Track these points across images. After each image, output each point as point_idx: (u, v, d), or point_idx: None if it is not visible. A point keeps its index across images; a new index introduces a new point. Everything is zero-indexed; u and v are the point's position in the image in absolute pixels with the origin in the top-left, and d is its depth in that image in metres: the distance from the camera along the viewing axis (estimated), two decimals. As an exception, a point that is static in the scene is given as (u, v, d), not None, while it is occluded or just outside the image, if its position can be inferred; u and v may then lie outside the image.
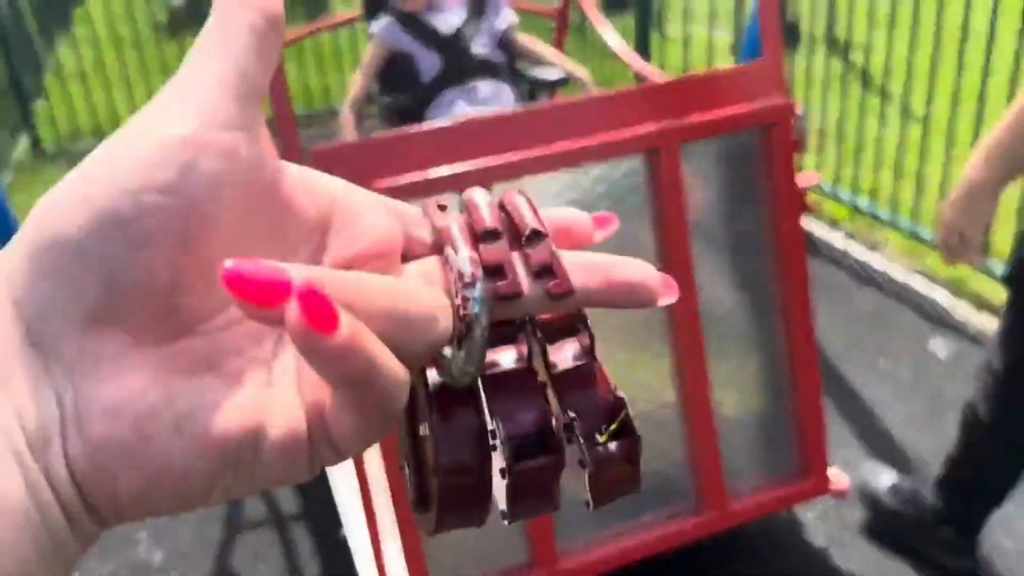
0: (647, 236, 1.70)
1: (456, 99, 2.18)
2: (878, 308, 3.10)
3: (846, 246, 3.53)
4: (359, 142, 1.56)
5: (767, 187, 1.74)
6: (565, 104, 1.69)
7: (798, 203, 1.73)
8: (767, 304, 1.82)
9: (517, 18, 2.39)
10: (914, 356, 2.82)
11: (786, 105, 1.68)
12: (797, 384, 1.85)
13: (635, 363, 1.78)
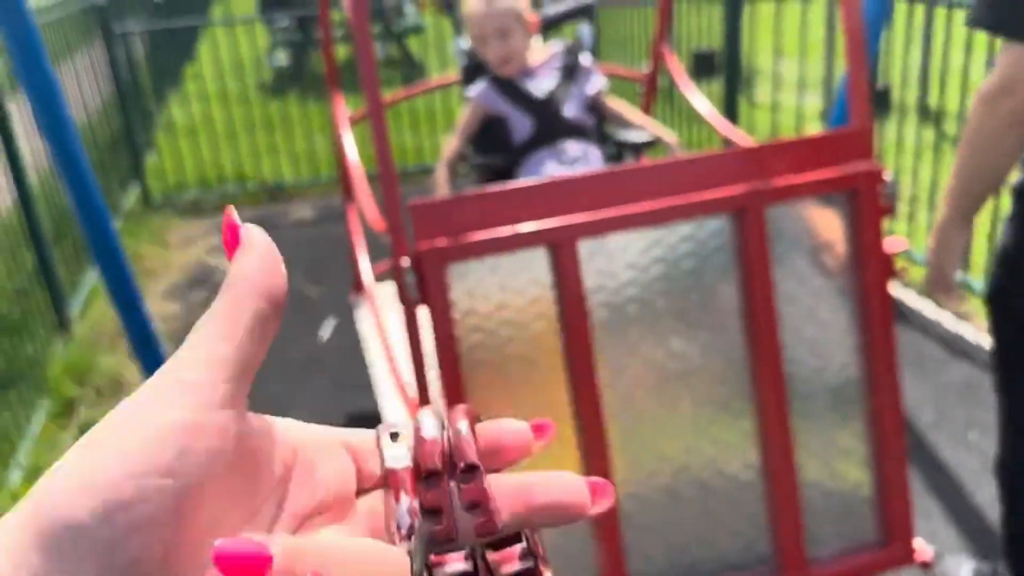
0: (732, 295, 1.72)
1: (546, 159, 2.26)
2: (969, 380, 3.02)
3: (937, 315, 3.46)
4: (455, 197, 1.64)
5: (854, 251, 1.76)
6: (653, 165, 1.75)
7: (886, 269, 1.74)
8: (854, 369, 1.81)
9: (606, 83, 2.47)
10: (1006, 431, 2.73)
11: (874, 171, 1.70)
12: (883, 452, 1.82)
13: (716, 421, 1.79)
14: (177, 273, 4.50)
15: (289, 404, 3.22)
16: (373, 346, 2.83)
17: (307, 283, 4.33)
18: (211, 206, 5.51)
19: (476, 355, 1.65)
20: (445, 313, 1.59)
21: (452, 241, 1.58)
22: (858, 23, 1.76)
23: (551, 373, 1.68)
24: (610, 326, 1.69)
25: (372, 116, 1.59)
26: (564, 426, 1.70)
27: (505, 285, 1.64)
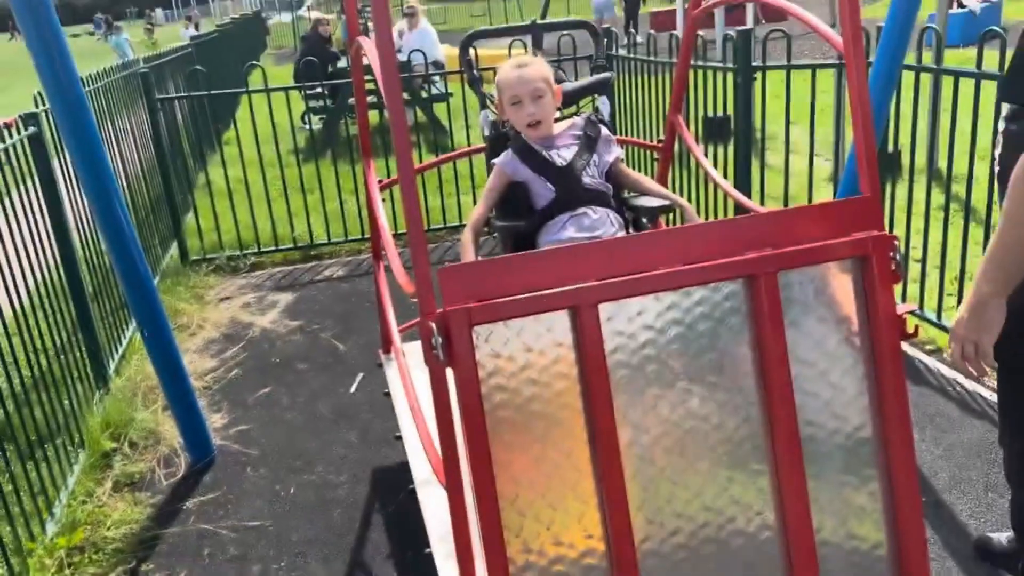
0: (747, 357, 1.79)
1: (567, 224, 2.36)
2: (984, 440, 3.03)
3: (952, 374, 3.48)
4: (482, 262, 1.74)
5: (866, 315, 1.82)
6: (669, 231, 1.83)
7: (898, 331, 1.80)
8: (868, 429, 1.86)
9: (623, 152, 2.58)
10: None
11: (884, 237, 1.78)
12: (899, 511, 1.86)
13: (734, 480, 1.83)
14: (213, 329, 4.64)
15: (319, 458, 3.30)
16: (401, 403, 2.92)
17: (337, 338, 4.44)
18: (246, 265, 5.68)
19: (500, 413, 1.72)
20: (471, 373, 1.67)
21: (479, 304, 1.67)
22: (864, 96, 1.85)
23: (572, 431, 1.75)
24: (629, 386, 1.76)
25: (404, 185, 1.69)
26: (585, 483, 1.76)
27: (529, 346, 1.72)
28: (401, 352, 2.54)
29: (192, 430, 3.29)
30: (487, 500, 1.70)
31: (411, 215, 1.70)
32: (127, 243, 2.91)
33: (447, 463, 1.74)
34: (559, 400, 1.74)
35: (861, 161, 1.88)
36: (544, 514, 1.76)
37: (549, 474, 1.76)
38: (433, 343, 1.66)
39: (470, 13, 27.91)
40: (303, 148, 8.55)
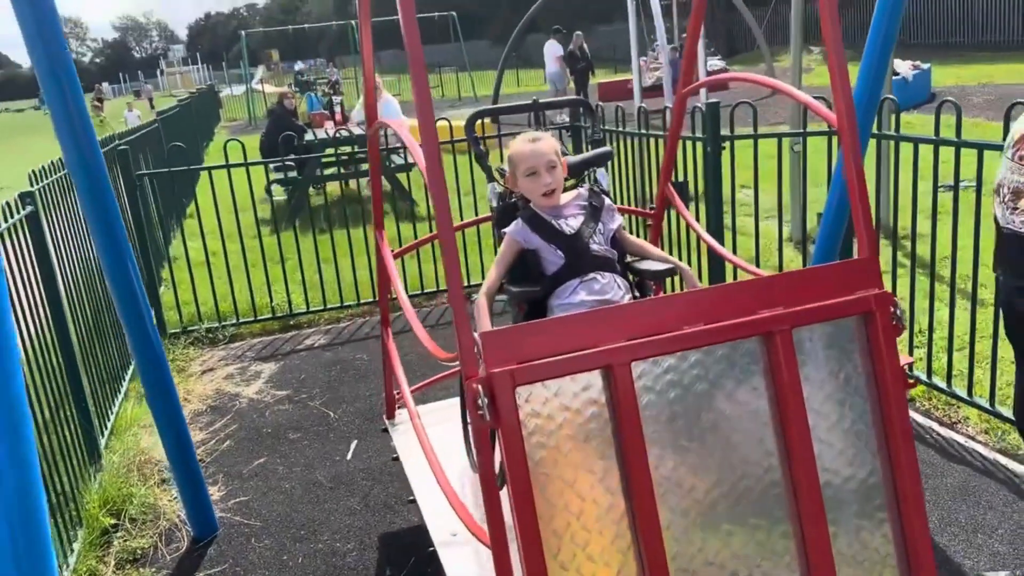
0: (766, 409, 1.92)
1: (578, 289, 2.49)
2: (966, 484, 3.20)
3: (928, 423, 3.67)
4: (520, 327, 1.84)
5: (872, 367, 1.97)
6: (690, 294, 1.97)
7: (903, 381, 1.95)
8: (879, 475, 1.99)
9: (623, 219, 2.74)
10: (1010, 531, 2.90)
11: (885, 295, 1.94)
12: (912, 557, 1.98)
13: (758, 528, 1.94)
14: (198, 402, 4.63)
15: (323, 526, 3.32)
16: (415, 467, 2.97)
17: (327, 406, 4.47)
18: (225, 336, 5.69)
19: (541, 469, 1.82)
20: (516, 431, 1.77)
21: (520, 366, 1.77)
22: (859, 165, 2.04)
23: (609, 485, 1.84)
24: (659, 440, 1.88)
25: (446, 252, 1.81)
26: (623, 534, 1.85)
27: (566, 406, 1.83)
28: (416, 414, 2.61)
29: (196, 504, 3.28)
30: (533, 553, 1.78)
31: (452, 282, 1.81)
32: (141, 310, 2.95)
33: (491, 519, 1.82)
34: (596, 455, 1.85)
35: (859, 225, 2.05)
36: (585, 567, 1.84)
37: (589, 527, 1.86)
38: (479, 404, 1.76)
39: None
40: (267, 220, 8.62)
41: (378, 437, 4.04)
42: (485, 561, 2.53)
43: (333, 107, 12.05)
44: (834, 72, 2.01)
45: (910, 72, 13.74)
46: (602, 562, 1.85)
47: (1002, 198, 2.26)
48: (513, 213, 2.67)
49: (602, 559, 1.85)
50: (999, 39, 24.31)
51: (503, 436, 1.77)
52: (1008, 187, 2.22)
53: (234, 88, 34.95)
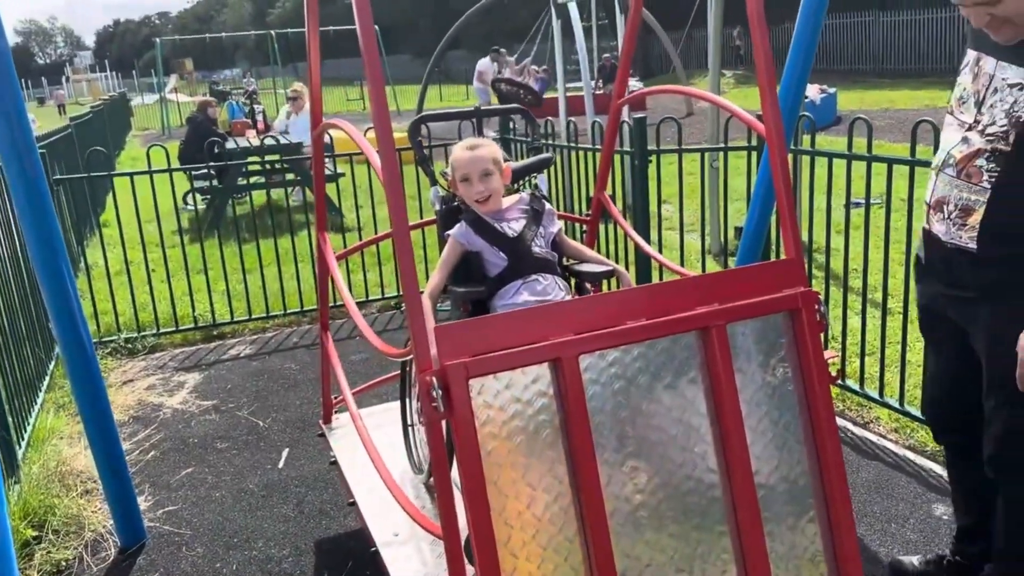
0: (703, 400, 2.02)
1: (520, 289, 2.56)
2: (879, 478, 3.39)
3: (843, 423, 3.87)
4: (473, 321, 1.90)
5: (798, 362, 2.10)
6: (633, 291, 2.07)
7: (827, 374, 2.08)
8: (805, 462, 2.11)
9: (562, 224, 2.84)
10: (919, 520, 3.09)
11: (811, 293, 2.08)
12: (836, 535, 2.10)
13: (695, 513, 2.03)
14: (120, 413, 4.49)
15: (256, 534, 3.28)
16: (355, 469, 2.97)
17: (255, 415, 4.40)
18: (145, 347, 5.54)
19: (492, 459, 1.87)
20: (469, 422, 1.82)
21: (474, 358, 1.83)
22: (786, 173, 2.17)
23: (557, 473, 1.91)
24: (604, 429, 1.95)
25: (399, 248, 1.85)
26: (570, 524, 1.91)
27: (517, 397, 1.89)
28: (358, 416, 2.63)
29: (125, 513, 3.20)
30: (485, 542, 1.83)
31: (407, 277, 1.86)
32: (76, 320, 2.88)
33: (443, 509, 1.86)
34: (545, 446, 1.91)
35: (785, 226, 2.19)
36: (535, 555, 1.90)
37: (539, 515, 1.91)
38: (433, 395, 1.80)
39: (346, 97, 28.27)
40: (189, 229, 8.43)
41: (311, 445, 4.01)
42: (428, 559, 2.56)
43: (255, 116, 11.87)
44: (763, 78, 2.14)
45: (818, 95, 14.40)
46: (551, 549, 1.92)
47: (947, 215, 2.29)
48: (456, 216, 2.72)
49: (551, 546, 1.91)
50: (899, 67, 25.71)
51: (456, 427, 1.81)
52: (955, 204, 2.27)
53: (146, 97, 33.98)
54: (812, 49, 3.36)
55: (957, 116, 2.32)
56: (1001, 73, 2.19)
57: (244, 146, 9.17)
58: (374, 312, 6.06)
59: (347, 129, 2.14)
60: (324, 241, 2.75)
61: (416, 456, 2.95)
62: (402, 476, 2.93)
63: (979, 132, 2.22)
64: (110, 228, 8.68)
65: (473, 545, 1.83)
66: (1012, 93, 2.15)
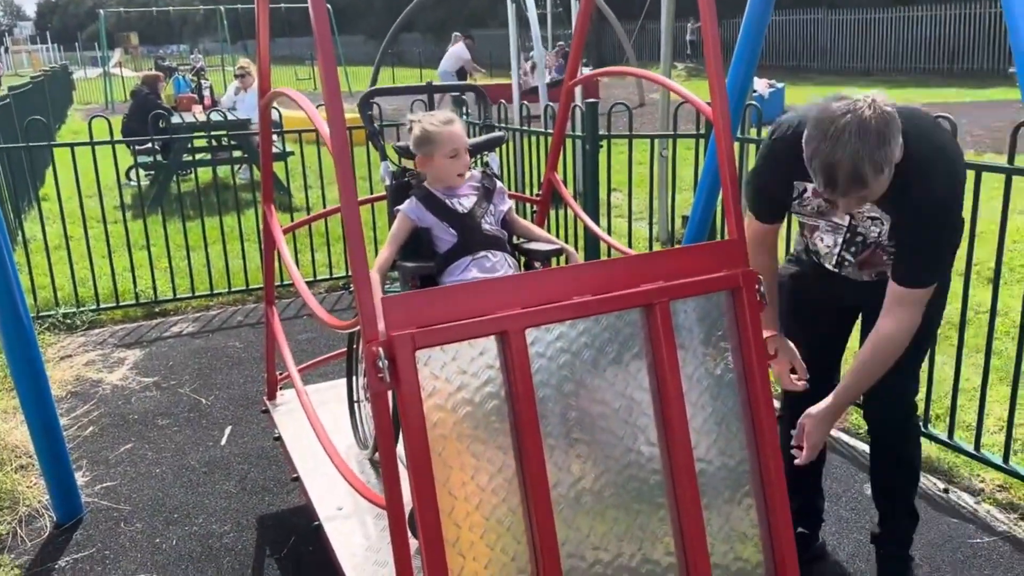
0: (646, 375, 2.06)
1: (470, 266, 2.57)
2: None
3: (778, 405, 3.96)
4: (421, 292, 1.91)
5: (738, 339, 2.16)
6: (581, 266, 2.09)
7: (765, 351, 2.14)
8: (743, 433, 2.17)
9: (512, 203, 2.85)
10: (852, 498, 3.19)
11: (751, 272, 2.13)
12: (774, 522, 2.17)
13: (636, 487, 2.07)
14: (58, 388, 4.39)
15: (198, 510, 3.24)
16: (299, 444, 2.96)
17: (197, 393, 4.34)
18: (84, 323, 5.41)
19: (438, 431, 1.89)
20: (415, 393, 1.83)
21: (421, 330, 1.84)
22: (731, 156, 2.22)
23: (502, 445, 1.93)
24: (549, 403, 1.98)
25: (347, 221, 1.84)
26: (514, 494, 1.94)
27: (463, 369, 1.91)
28: (304, 392, 2.61)
29: (61, 489, 3.14)
30: (428, 512, 1.84)
31: (355, 248, 1.85)
32: (12, 289, 2.81)
33: (388, 481, 1.86)
34: (490, 417, 1.93)
35: (728, 207, 2.23)
36: (478, 526, 1.92)
37: (483, 486, 1.93)
38: (379, 366, 1.80)
39: (296, 76, 27.82)
40: (131, 204, 8.24)
41: (254, 422, 3.98)
42: (371, 532, 2.57)
43: (202, 91, 11.62)
44: (711, 63, 2.18)
45: (766, 90, 14.65)
46: (494, 520, 1.94)
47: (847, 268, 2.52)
48: (407, 192, 2.72)
49: (494, 517, 1.94)
50: (846, 65, 26.24)
51: (402, 398, 1.82)
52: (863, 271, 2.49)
53: (88, 71, 33.01)
54: (759, 39, 3.43)
55: (832, 217, 2.43)
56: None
57: (190, 121, 8.98)
58: (322, 292, 6.01)
59: (295, 98, 2.12)
60: (271, 213, 2.72)
61: (361, 432, 2.95)
62: (347, 452, 2.93)
63: (859, 244, 2.39)
64: (50, 202, 8.43)
65: (417, 514, 1.85)
66: (875, 224, 2.32)
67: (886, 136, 2.01)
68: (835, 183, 2.05)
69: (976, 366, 3.88)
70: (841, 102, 2.04)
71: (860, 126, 1.99)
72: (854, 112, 2.01)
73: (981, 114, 14.52)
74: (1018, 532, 2.94)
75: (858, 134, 1.98)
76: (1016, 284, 5.16)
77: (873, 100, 2.04)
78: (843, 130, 1.99)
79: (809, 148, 2.08)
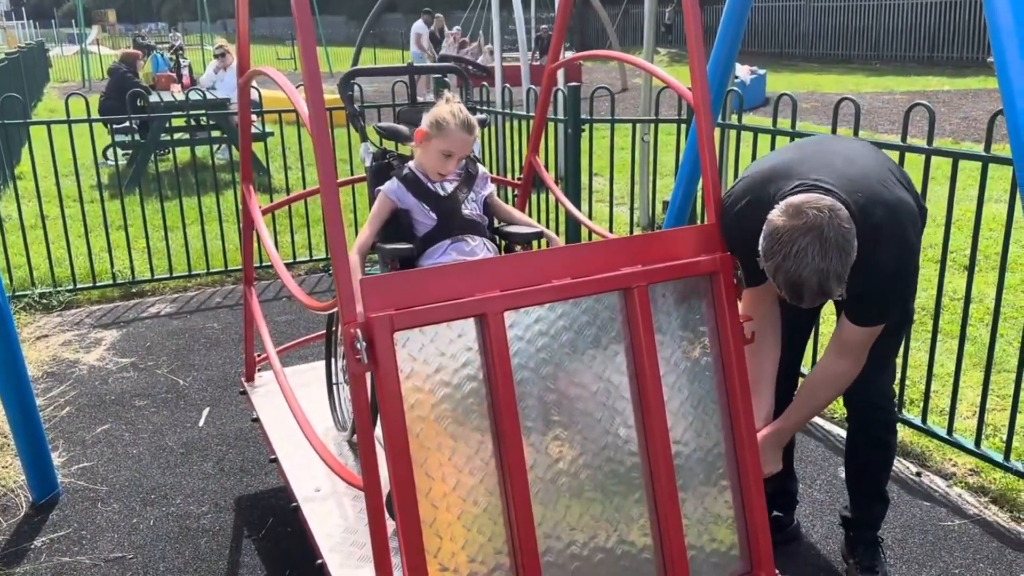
0: (624, 358, 2.08)
1: (448, 249, 2.56)
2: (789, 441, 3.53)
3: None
4: (399, 274, 1.90)
5: (715, 323, 2.17)
6: (560, 249, 2.10)
7: (742, 335, 2.16)
8: (719, 424, 2.19)
9: (495, 187, 2.85)
10: (826, 481, 3.24)
11: (728, 257, 2.15)
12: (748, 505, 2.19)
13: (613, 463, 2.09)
14: (34, 368, 4.35)
15: (175, 491, 3.23)
16: (277, 425, 2.95)
17: (175, 374, 4.32)
18: (60, 303, 5.36)
19: (416, 412, 1.89)
20: (393, 375, 1.83)
21: (399, 311, 1.84)
22: (711, 142, 2.23)
23: (481, 426, 1.94)
24: (528, 385, 1.99)
25: (326, 201, 1.84)
26: (491, 475, 1.95)
27: (442, 351, 1.91)
28: (282, 373, 2.61)
29: (37, 469, 3.12)
30: (405, 493, 1.85)
31: (333, 228, 1.84)
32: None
33: (365, 461, 1.87)
34: (468, 399, 1.94)
35: (708, 193, 2.25)
36: (455, 506, 1.93)
37: (460, 467, 1.94)
38: (357, 347, 1.80)
39: (276, 56, 27.53)
40: (108, 184, 8.15)
41: (232, 404, 3.96)
42: (349, 513, 2.57)
43: (181, 70, 11.47)
44: (692, 50, 2.18)
45: (748, 76, 14.67)
46: (471, 501, 1.95)
47: None
48: (387, 173, 2.71)
49: (471, 498, 1.95)
50: (827, 53, 26.32)
51: (380, 380, 1.82)
52: None
53: (65, 48, 32.52)
54: (741, 25, 3.43)
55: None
56: None
57: (168, 100, 8.87)
58: (301, 274, 5.98)
59: (275, 77, 2.10)
60: (249, 193, 2.71)
61: (340, 414, 2.95)
62: (325, 434, 2.92)
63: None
64: (25, 180, 8.32)
65: (394, 495, 1.85)
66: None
67: (847, 250, 2.00)
68: (800, 297, 2.04)
69: (950, 352, 3.94)
70: (798, 219, 1.99)
71: (822, 245, 1.97)
72: (815, 230, 1.97)
73: (960, 102, 14.63)
74: (988, 515, 3.00)
75: (821, 253, 1.97)
76: (991, 271, 5.22)
77: (830, 214, 1.99)
78: (805, 251, 1.97)
79: (771, 263, 2.03)
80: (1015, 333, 4.40)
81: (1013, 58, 2.44)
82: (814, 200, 2.02)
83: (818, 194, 2.06)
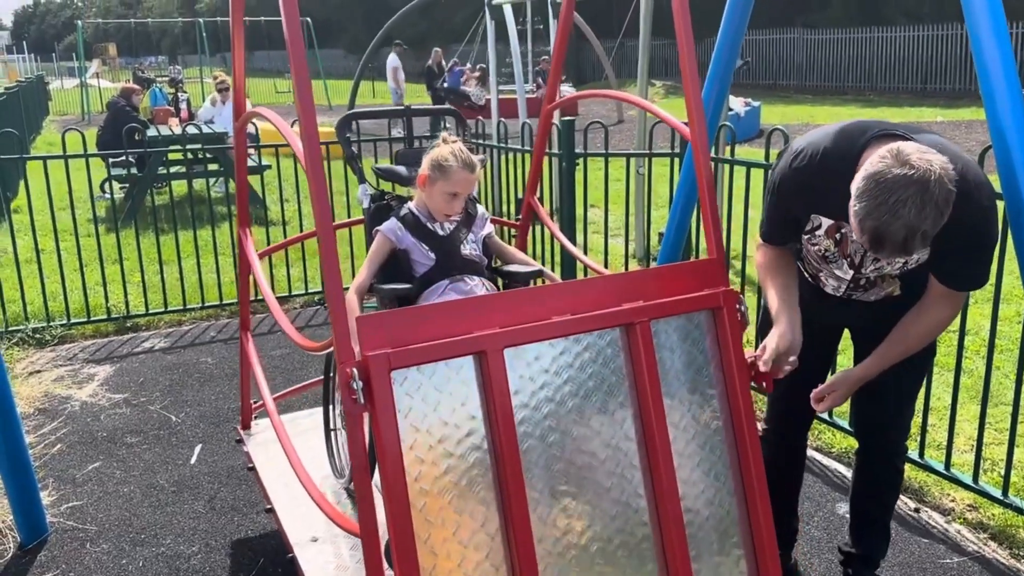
0: (627, 394, 2.04)
1: (447, 289, 2.53)
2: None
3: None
4: (396, 312, 1.87)
5: (720, 359, 2.14)
6: (559, 286, 2.07)
7: (747, 371, 2.13)
8: (724, 446, 2.14)
9: (494, 228, 2.83)
10: (824, 518, 3.19)
11: (732, 292, 2.12)
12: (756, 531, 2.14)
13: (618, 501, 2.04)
14: (25, 405, 4.30)
15: (165, 530, 3.17)
16: (272, 474, 2.90)
17: (168, 410, 4.27)
18: (54, 337, 5.32)
19: (414, 453, 1.85)
20: (391, 415, 1.79)
21: (397, 350, 1.80)
22: (710, 176, 2.21)
23: (481, 466, 1.89)
24: (527, 423, 1.95)
25: (323, 242, 1.81)
26: (492, 519, 1.90)
27: (440, 390, 1.87)
28: (279, 421, 2.54)
29: (26, 508, 3.05)
30: (403, 537, 1.80)
31: (329, 268, 1.81)
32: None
33: (362, 507, 1.82)
34: (468, 440, 1.89)
35: (707, 226, 2.22)
36: (455, 552, 1.88)
37: (460, 510, 1.89)
38: (353, 387, 1.76)
39: (275, 89, 27.71)
40: (104, 218, 8.13)
41: (225, 441, 3.90)
42: (347, 562, 2.51)
43: (179, 103, 11.51)
44: (688, 83, 2.17)
45: (742, 108, 14.77)
46: (472, 547, 1.89)
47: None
48: (387, 213, 2.69)
49: (472, 543, 1.89)
50: (821, 84, 26.57)
51: (377, 419, 1.78)
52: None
53: (65, 81, 32.74)
54: (733, 57, 3.44)
55: (834, 269, 2.37)
56: None
57: (166, 134, 8.89)
58: (297, 307, 5.95)
59: (270, 117, 2.09)
60: (245, 237, 2.68)
61: (338, 461, 2.89)
62: (322, 482, 2.86)
63: (864, 285, 2.35)
64: (21, 214, 8.33)
65: (392, 541, 1.80)
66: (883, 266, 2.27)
67: (944, 212, 1.89)
68: (881, 248, 1.95)
69: (947, 385, 3.90)
70: (906, 168, 1.87)
71: (923, 200, 1.85)
72: (920, 184, 1.86)
73: (954, 133, 14.73)
74: (987, 552, 2.94)
75: (918, 208, 1.85)
76: (985, 303, 5.20)
77: (941, 171, 1.88)
78: (904, 203, 1.85)
79: (862, 206, 1.92)
80: (1011, 365, 4.37)
81: (1000, 92, 2.44)
82: (925, 152, 1.90)
83: (926, 147, 1.94)
